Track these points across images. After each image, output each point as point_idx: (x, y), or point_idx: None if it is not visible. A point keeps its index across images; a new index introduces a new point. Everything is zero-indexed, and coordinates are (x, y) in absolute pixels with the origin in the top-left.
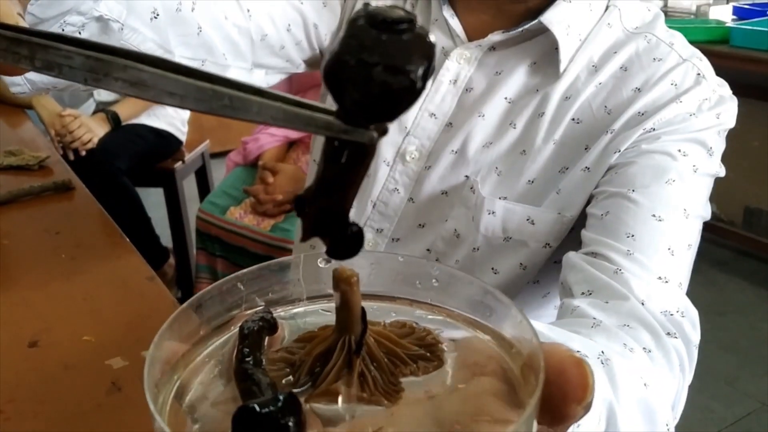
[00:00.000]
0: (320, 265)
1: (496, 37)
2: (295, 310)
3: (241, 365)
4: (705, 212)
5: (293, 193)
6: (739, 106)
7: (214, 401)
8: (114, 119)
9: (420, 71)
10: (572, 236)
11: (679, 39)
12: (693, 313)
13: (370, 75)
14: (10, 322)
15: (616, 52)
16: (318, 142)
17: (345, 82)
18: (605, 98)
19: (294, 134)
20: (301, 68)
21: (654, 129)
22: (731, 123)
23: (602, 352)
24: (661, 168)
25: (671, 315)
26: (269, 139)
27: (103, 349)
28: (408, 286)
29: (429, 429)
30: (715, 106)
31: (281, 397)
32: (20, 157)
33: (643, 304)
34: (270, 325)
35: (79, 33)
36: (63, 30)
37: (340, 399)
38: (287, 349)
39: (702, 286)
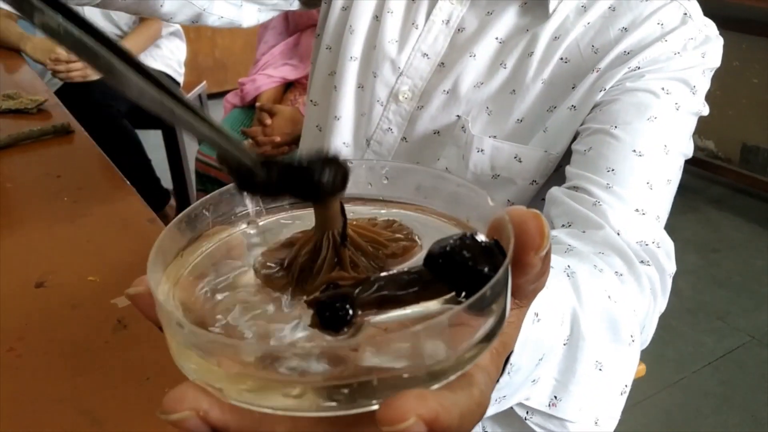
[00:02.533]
0: None
1: None
2: (261, 223)
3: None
4: (687, 149)
5: (291, 134)
6: (738, 42)
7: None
8: None
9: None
10: (558, 174)
11: None
12: (669, 244)
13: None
14: (17, 264)
15: None
16: (315, 83)
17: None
18: (593, 38)
19: (291, 75)
20: (295, 5)
21: (639, 67)
22: (716, 62)
23: (568, 266)
24: (644, 105)
25: (646, 245)
26: (266, 80)
27: (107, 289)
28: (361, 188)
29: None
30: (701, 45)
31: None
32: (18, 101)
33: (618, 234)
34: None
35: None
36: None
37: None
38: (274, 253)
39: (698, 223)
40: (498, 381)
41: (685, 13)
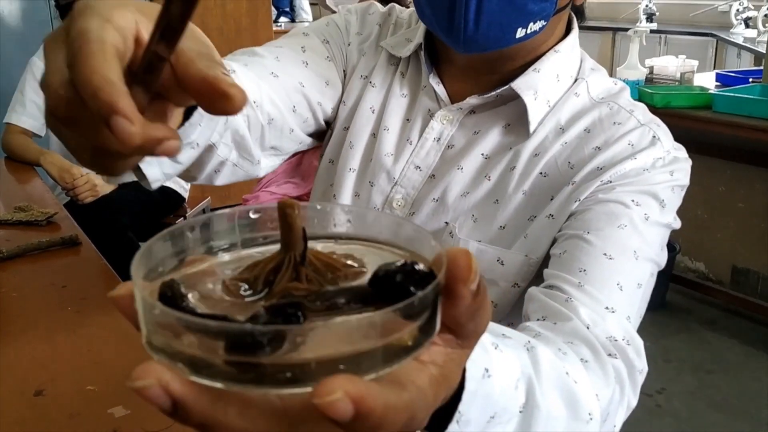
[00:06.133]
0: (251, 216)
1: (473, 100)
2: (235, 254)
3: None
4: (659, 259)
5: None
6: (723, 168)
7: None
8: None
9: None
10: (540, 280)
11: (640, 108)
12: (638, 342)
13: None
14: (18, 372)
15: (581, 117)
16: (316, 192)
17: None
18: (569, 155)
19: (293, 192)
20: (310, 143)
21: (610, 181)
22: (685, 181)
23: (529, 341)
24: (614, 214)
25: (615, 341)
26: (269, 196)
27: (105, 398)
28: (325, 228)
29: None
30: (669, 164)
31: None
32: (29, 213)
33: (588, 327)
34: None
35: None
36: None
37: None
38: (240, 273)
39: (691, 344)
40: (447, 429)
41: (654, 136)
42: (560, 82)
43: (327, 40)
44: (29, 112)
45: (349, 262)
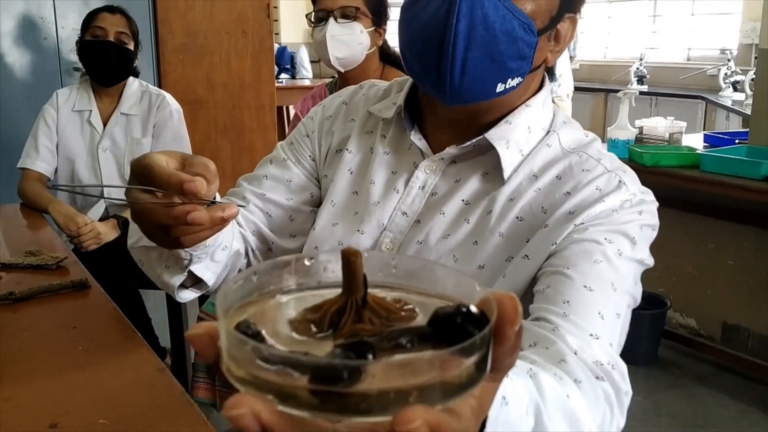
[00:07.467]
0: (306, 263)
1: (452, 150)
2: (292, 296)
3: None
4: (634, 292)
5: None
6: (712, 226)
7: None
8: (123, 224)
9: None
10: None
11: (608, 157)
12: (622, 366)
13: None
14: (32, 406)
15: (553, 165)
16: (310, 249)
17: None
18: (542, 200)
19: None
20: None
21: (583, 223)
22: (653, 221)
23: (531, 368)
24: (589, 251)
25: (602, 365)
26: None
27: None
28: (372, 275)
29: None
30: (636, 205)
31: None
32: (39, 257)
33: (575, 353)
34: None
35: None
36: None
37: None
38: (305, 314)
39: (683, 400)
40: None
41: (620, 181)
42: (532, 133)
43: (291, 142)
44: (42, 156)
45: (402, 306)
